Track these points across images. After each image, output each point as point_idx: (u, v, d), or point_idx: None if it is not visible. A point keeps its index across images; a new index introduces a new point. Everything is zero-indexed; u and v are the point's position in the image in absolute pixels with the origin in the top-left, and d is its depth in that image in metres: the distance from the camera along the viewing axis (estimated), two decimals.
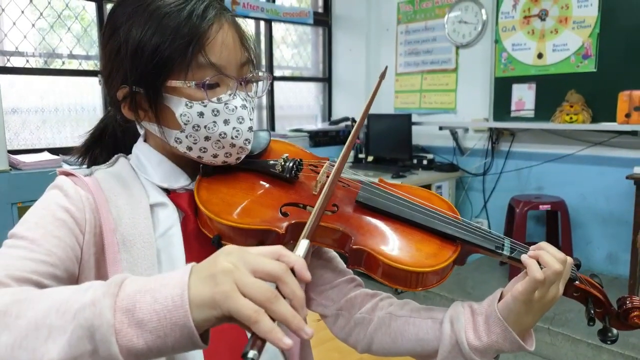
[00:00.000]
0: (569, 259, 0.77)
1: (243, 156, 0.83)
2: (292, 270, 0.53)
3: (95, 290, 0.51)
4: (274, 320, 0.49)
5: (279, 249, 0.54)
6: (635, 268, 2.98)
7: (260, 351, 0.48)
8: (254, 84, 0.83)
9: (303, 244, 0.59)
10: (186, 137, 0.77)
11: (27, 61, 3.27)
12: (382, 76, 0.92)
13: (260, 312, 0.48)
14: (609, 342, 0.79)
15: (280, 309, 0.49)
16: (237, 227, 0.74)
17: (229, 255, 0.52)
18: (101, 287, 0.51)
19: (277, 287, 0.51)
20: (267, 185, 0.83)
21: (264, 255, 0.53)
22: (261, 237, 0.75)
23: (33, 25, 3.27)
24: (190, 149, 0.79)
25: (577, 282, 0.80)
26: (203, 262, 0.53)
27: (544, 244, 0.78)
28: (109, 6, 3.50)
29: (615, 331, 0.79)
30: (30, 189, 2.63)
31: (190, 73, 0.73)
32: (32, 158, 2.98)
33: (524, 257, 0.75)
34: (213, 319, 0.50)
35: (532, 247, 0.79)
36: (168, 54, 0.72)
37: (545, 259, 0.74)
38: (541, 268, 0.73)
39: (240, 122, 0.78)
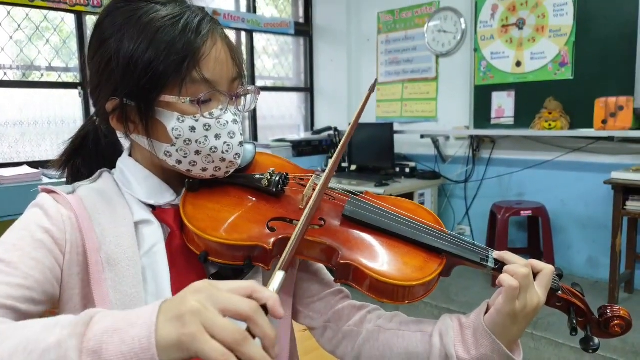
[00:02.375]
0: (550, 267, 0.78)
1: (232, 170, 0.82)
2: (265, 307, 0.52)
3: (62, 329, 0.50)
4: None
5: (251, 285, 0.53)
6: (614, 272, 3.03)
7: None
8: (243, 97, 0.83)
9: (278, 277, 0.57)
10: (176, 150, 0.77)
11: (5, 74, 3.22)
12: (372, 89, 0.93)
13: (228, 355, 0.47)
14: (590, 351, 0.79)
15: (249, 351, 0.48)
16: (224, 243, 0.73)
17: (198, 294, 0.51)
18: (68, 326, 0.50)
19: (248, 327, 0.51)
20: (253, 200, 0.83)
21: (235, 292, 0.52)
22: (248, 253, 0.75)
23: (11, 37, 3.23)
24: (179, 162, 0.78)
25: (559, 292, 0.81)
26: (171, 299, 0.52)
27: (505, 254, 0.79)
28: (88, 18, 3.47)
29: (597, 340, 0.79)
30: (10, 204, 2.58)
31: (184, 89, 0.73)
32: (11, 172, 2.93)
33: (498, 278, 0.76)
34: None
35: (494, 254, 0.80)
36: (162, 69, 0.72)
37: (510, 269, 0.75)
38: None
39: (232, 137, 0.78)
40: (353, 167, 4.40)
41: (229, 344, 0.48)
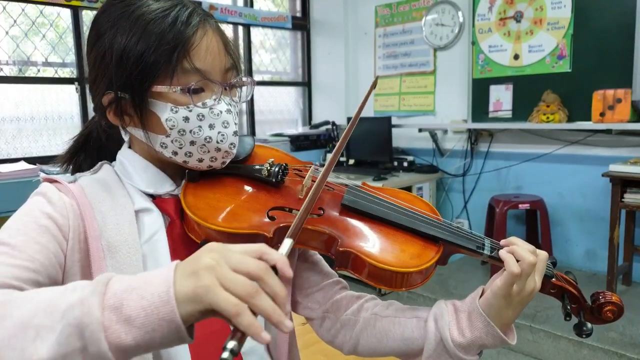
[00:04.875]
0: (544, 253, 0.79)
1: (228, 160, 0.83)
2: (275, 268, 0.54)
3: (82, 289, 0.52)
4: (255, 315, 0.50)
5: (261, 247, 0.55)
6: (612, 264, 3.04)
7: (240, 343, 0.49)
8: (238, 89, 0.84)
9: (286, 243, 0.61)
10: (172, 141, 0.78)
11: (1, 69, 3.21)
12: (373, 86, 0.94)
13: (242, 305, 0.49)
14: (584, 336, 0.82)
15: (262, 303, 0.51)
16: (225, 231, 0.74)
17: (212, 252, 0.53)
18: (88, 286, 0.52)
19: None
20: (253, 190, 0.84)
21: (246, 254, 0.54)
22: (249, 241, 0.75)
23: (7, 32, 3.22)
24: (175, 153, 0.79)
25: (553, 279, 0.83)
26: (186, 259, 0.54)
27: (514, 239, 0.80)
28: (84, 13, 3.46)
29: (589, 325, 0.82)
30: (7, 199, 2.58)
31: (175, 78, 0.74)
32: (8, 168, 2.93)
33: (501, 253, 0.78)
34: (197, 313, 0.51)
35: (502, 242, 0.81)
36: (153, 60, 0.73)
37: (519, 252, 0.76)
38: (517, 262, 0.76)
39: (226, 127, 0.79)
40: (351, 161, 4.41)
41: (242, 296, 0.50)
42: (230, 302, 0.49)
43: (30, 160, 3.19)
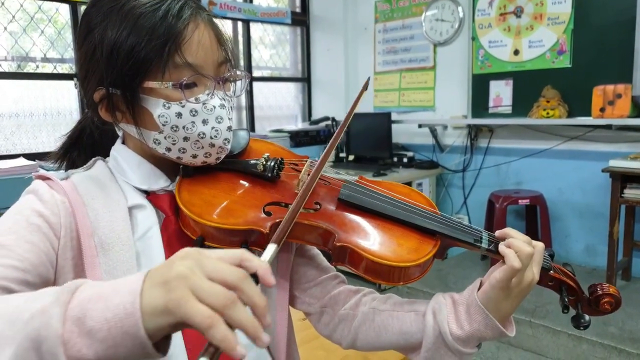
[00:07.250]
0: (541, 244, 0.79)
1: (223, 156, 0.82)
2: (256, 276, 0.50)
3: (47, 297, 0.49)
4: (232, 327, 0.46)
5: (241, 253, 0.51)
6: (612, 259, 3.04)
7: (213, 358, 0.45)
8: (233, 83, 0.83)
9: (270, 249, 0.58)
10: (165, 138, 0.77)
11: (0, 65, 3.20)
12: (365, 87, 0.93)
13: (215, 318, 0.45)
14: (581, 328, 0.81)
15: (237, 315, 0.46)
16: (221, 227, 0.73)
17: (185, 259, 0.49)
18: (52, 295, 0.49)
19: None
20: (248, 185, 0.83)
21: (224, 260, 0.50)
22: (245, 237, 0.75)
23: (5, 28, 3.21)
24: (169, 149, 0.78)
25: (551, 271, 0.83)
26: (158, 266, 0.50)
27: (509, 230, 0.80)
28: (83, 8, 3.44)
29: (587, 317, 0.82)
30: (6, 196, 2.56)
31: (167, 73, 0.73)
32: (7, 164, 2.92)
33: (500, 248, 0.77)
34: (167, 326, 0.48)
35: (497, 233, 0.81)
36: (144, 55, 0.71)
37: (516, 244, 0.76)
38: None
39: (219, 122, 0.78)
40: (351, 157, 4.40)
41: (216, 307, 0.46)
42: (203, 315, 0.45)
43: (29, 156, 3.19)
